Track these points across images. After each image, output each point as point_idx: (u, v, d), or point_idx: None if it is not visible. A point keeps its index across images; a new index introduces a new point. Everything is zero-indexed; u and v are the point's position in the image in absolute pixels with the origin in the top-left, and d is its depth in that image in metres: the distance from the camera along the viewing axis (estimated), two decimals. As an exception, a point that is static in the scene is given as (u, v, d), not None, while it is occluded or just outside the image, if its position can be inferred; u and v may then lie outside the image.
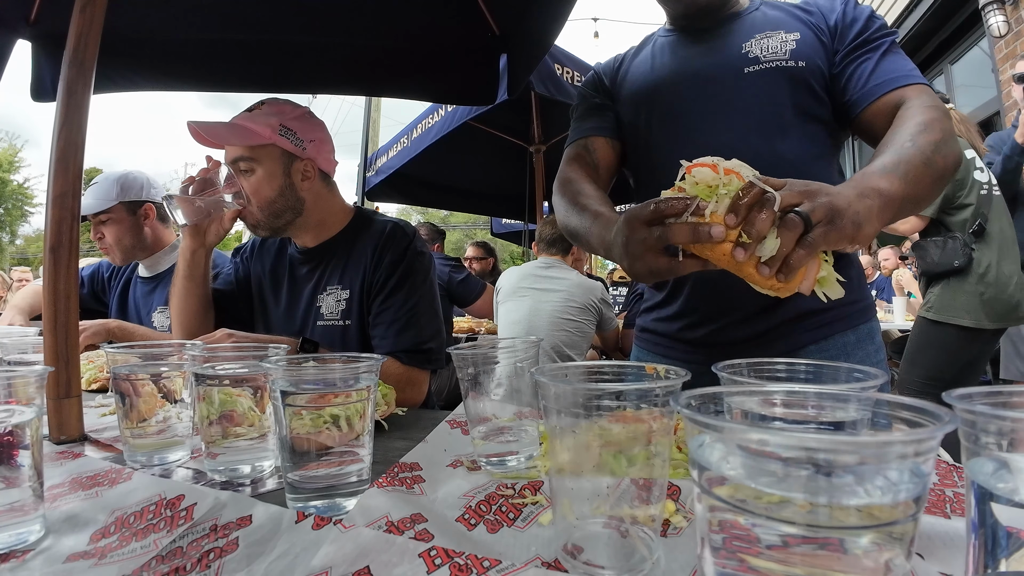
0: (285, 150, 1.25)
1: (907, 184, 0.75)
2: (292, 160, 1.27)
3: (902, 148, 0.79)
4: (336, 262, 1.32)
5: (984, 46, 4.64)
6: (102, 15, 0.94)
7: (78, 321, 0.89)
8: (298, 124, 1.28)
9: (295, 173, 1.27)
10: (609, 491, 0.44)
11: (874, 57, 0.96)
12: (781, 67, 0.98)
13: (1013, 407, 0.36)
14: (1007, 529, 0.32)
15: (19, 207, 25.36)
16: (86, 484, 0.64)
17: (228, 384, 0.70)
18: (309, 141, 1.29)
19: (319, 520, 0.49)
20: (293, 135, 1.26)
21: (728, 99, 1.01)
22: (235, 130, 1.23)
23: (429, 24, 1.71)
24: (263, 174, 1.24)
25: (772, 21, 1.03)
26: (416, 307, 1.26)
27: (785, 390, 0.44)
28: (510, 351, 0.73)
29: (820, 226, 0.62)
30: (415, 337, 1.24)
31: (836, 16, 1.00)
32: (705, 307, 1.07)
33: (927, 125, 0.83)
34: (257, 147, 1.23)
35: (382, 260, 1.27)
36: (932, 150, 0.79)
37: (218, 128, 1.23)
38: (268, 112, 1.26)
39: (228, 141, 1.23)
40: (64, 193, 0.88)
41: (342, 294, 1.29)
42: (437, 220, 27.58)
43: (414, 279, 1.27)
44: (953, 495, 0.55)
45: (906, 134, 0.82)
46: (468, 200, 5.50)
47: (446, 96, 2.27)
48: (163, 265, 1.87)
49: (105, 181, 1.82)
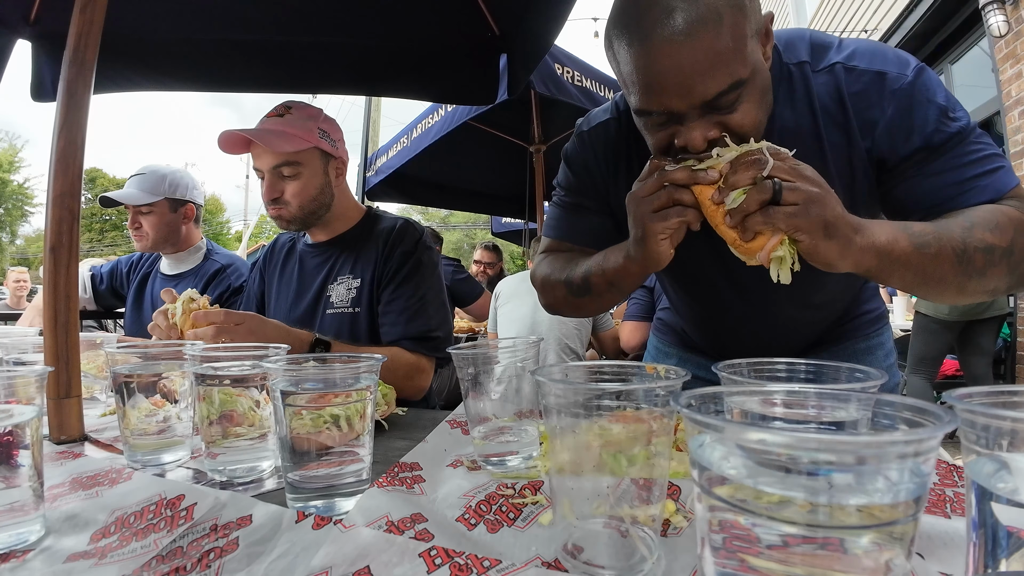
0: (324, 151, 1.34)
1: (919, 256, 0.66)
2: (328, 160, 1.36)
3: (948, 226, 0.68)
4: (348, 254, 1.38)
5: (984, 46, 4.64)
6: (102, 15, 0.94)
7: (78, 321, 0.89)
8: (328, 125, 1.36)
9: (331, 171, 1.37)
10: (609, 491, 0.43)
11: (939, 174, 0.73)
12: None
13: (1013, 407, 0.36)
14: (1007, 529, 0.32)
15: (19, 207, 25.36)
16: (86, 484, 0.64)
17: (228, 384, 0.70)
18: (338, 140, 1.38)
19: (319, 520, 0.49)
20: (328, 137, 1.35)
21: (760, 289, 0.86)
22: (280, 136, 1.28)
23: (429, 24, 1.71)
24: (308, 175, 1.31)
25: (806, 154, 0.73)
26: (425, 296, 1.32)
27: (785, 390, 0.44)
28: (510, 351, 0.73)
29: (790, 206, 0.62)
30: (424, 325, 1.29)
31: (880, 129, 0.75)
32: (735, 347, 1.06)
33: (999, 227, 0.68)
34: (302, 151, 1.29)
35: (394, 251, 1.33)
36: (977, 247, 0.67)
37: (266, 135, 1.27)
38: (301, 116, 1.32)
39: (279, 147, 1.27)
40: (64, 193, 0.88)
41: (353, 283, 1.34)
42: (437, 220, 27.57)
43: (424, 271, 1.34)
44: (953, 495, 0.55)
45: (967, 221, 0.69)
46: (468, 200, 5.50)
47: (446, 96, 2.28)
48: (186, 265, 1.90)
49: (153, 175, 1.85)
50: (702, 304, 1.05)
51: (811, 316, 0.99)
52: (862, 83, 0.76)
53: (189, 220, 1.91)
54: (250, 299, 1.56)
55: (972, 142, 0.73)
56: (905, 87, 0.74)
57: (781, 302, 0.93)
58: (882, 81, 0.74)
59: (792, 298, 0.91)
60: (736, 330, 1.03)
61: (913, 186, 0.76)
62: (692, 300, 1.06)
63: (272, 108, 1.35)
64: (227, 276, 1.85)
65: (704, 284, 0.98)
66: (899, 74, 0.74)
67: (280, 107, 1.34)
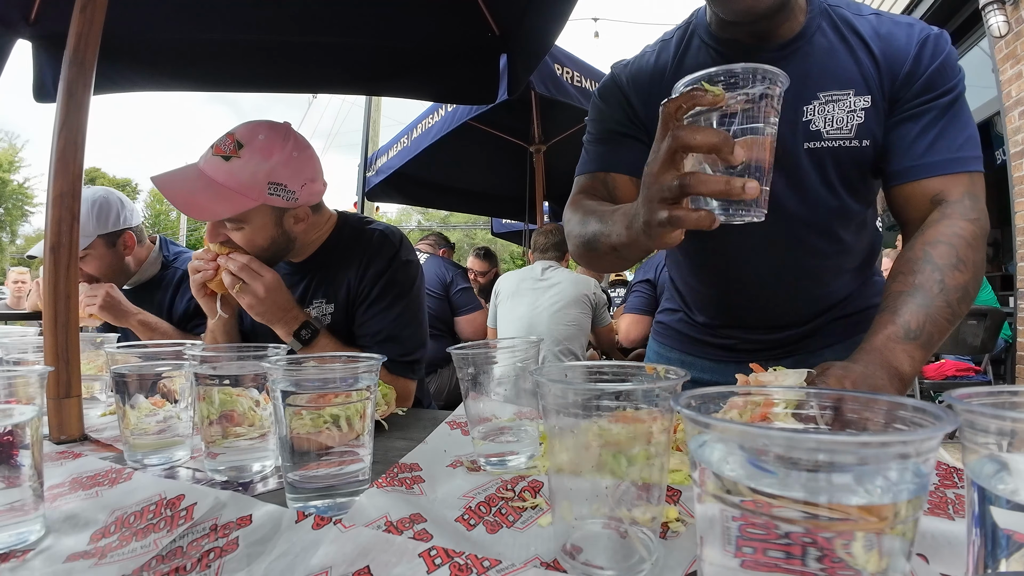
0: (276, 207, 1.12)
1: (928, 350, 0.74)
2: (283, 212, 1.14)
3: (930, 297, 0.76)
4: (321, 275, 1.28)
5: (984, 46, 4.63)
6: (102, 15, 0.94)
7: (78, 321, 0.89)
8: (287, 171, 1.10)
9: (287, 221, 1.16)
10: (608, 491, 0.43)
11: (923, 120, 0.84)
12: (843, 147, 0.87)
13: (1013, 407, 0.36)
14: (1005, 533, 0.32)
15: (19, 207, 25.37)
16: (86, 484, 0.64)
17: (228, 384, 0.70)
18: (301, 186, 1.13)
19: (319, 520, 0.49)
20: (283, 189, 1.10)
21: (778, 181, 0.87)
22: (216, 195, 1.07)
23: (429, 24, 1.71)
24: (252, 230, 1.12)
25: (840, 69, 0.86)
26: (400, 318, 1.23)
27: (785, 390, 0.44)
28: (510, 351, 0.73)
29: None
30: (399, 348, 1.22)
31: (906, 68, 0.84)
32: (733, 317, 1.07)
33: (961, 261, 0.78)
34: (244, 212, 1.09)
35: (367, 272, 1.23)
36: (959, 298, 0.76)
37: (195, 197, 1.07)
38: (251, 160, 1.07)
39: (212, 215, 1.08)
40: (64, 193, 0.88)
41: (327, 308, 1.26)
42: (437, 220, 27.56)
43: (398, 290, 1.24)
44: (954, 496, 0.55)
45: (937, 272, 0.77)
46: (468, 200, 5.50)
47: (446, 96, 2.28)
48: (146, 277, 1.75)
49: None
50: (709, 250, 1.04)
51: (822, 264, 0.98)
52: (894, 24, 0.87)
53: (131, 248, 1.67)
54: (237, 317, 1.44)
55: (964, 106, 0.85)
56: (933, 36, 0.85)
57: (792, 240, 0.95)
58: (911, 28, 0.86)
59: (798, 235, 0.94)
60: (744, 283, 1.01)
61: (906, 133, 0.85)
62: (699, 247, 1.05)
63: (221, 137, 1.10)
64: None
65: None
66: (926, 26, 0.87)
67: (230, 141, 1.08)
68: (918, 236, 0.83)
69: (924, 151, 0.84)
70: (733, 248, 0.98)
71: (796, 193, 0.91)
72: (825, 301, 1.02)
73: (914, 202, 0.86)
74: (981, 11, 4.08)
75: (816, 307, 1.02)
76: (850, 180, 0.90)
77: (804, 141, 0.87)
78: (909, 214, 0.87)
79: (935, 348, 0.75)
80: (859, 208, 0.95)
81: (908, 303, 0.76)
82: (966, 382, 3.70)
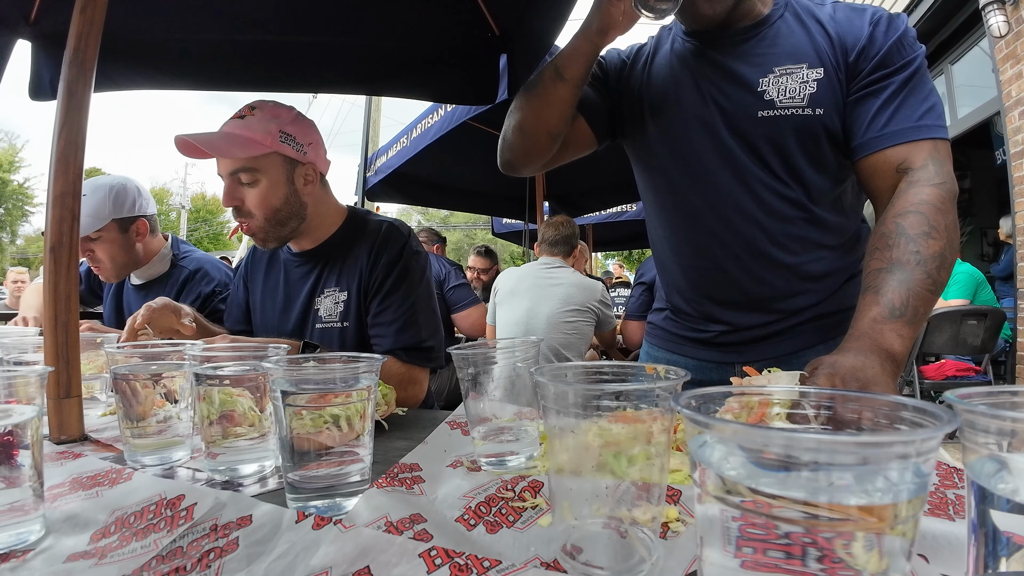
0: (288, 156, 1.22)
1: (916, 325, 0.75)
2: (294, 166, 1.24)
3: (909, 270, 0.77)
4: (332, 264, 1.31)
5: (984, 46, 4.64)
6: (102, 15, 0.94)
7: (78, 321, 0.89)
8: (295, 128, 1.24)
9: (298, 179, 1.24)
10: (609, 491, 0.43)
11: (883, 95, 0.89)
12: (796, 115, 0.93)
13: (1013, 407, 0.36)
14: (1004, 535, 0.32)
15: (19, 207, 25.35)
16: (86, 484, 0.64)
17: (228, 384, 0.70)
18: (308, 144, 1.26)
19: (319, 520, 0.49)
20: (293, 140, 1.23)
21: (737, 144, 0.98)
22: (234, 140, 1.17)
23: (429, 24, 1.71)
24: (267, 184, 1.20)
25: (795, 47, 0.94)
26: (414, 306, 1.26)
27: (785, 390, 0.44)
28: (510, 351, 0.73)
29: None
30: (415, 336, 1.25)
31: (860, 44, 0.91)
32: (704, 291, 1.09)
33: (933, 227, 0.79)
34: (260, 156, 1.19)
35: (379, 261, 1.26)
36: (937, 267, 0.78)
37: (214, 140, 1.17)
38: (263, 117, 1.21)
39: (229, 154, 1.17)
40: (64, 193, 0.88)
41: (340, 296, 1.28)
42: (437, 220, 27.56)
43: (411, 278, 1.27)
44: (955, 497, 0.55)
45: (912, 243, 0.79)
46: (468, 200, 5.49)
47: (446, 96, 2.27)
48: (155, 273, 1.80)
49: (94, 195, 1.66)
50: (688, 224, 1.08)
51: (788, 231, 1.00)
52: (851, 10, 0.95)
53: (144, 236, 1.75)
54: (233, 309, 1.49)
55: (924, 79, 0.90)
56: (887, 15, 0.92)
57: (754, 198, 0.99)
58: (864, 11, 0.94)
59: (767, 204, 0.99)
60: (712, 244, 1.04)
61: (867, 108, 0.90)
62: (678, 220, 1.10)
63: (239, 108, 1.25)
64: (197, 283, 1.75)
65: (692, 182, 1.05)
66: (881, 8, 0.93)
67: (245, 108, 1.24)
68: (888, 209, 0.85)
69: (885, 122, 0.88)
70: (697, 197, 1.03)
71: (752, 155, 0.98)
72: (798, 276, 1.02)
73: (880, 173, 0.89)
74: (981, 11, 4.08)
75: (790, 284, 1.02)
76: (807, 149, 0.95)
77: (759, 110, 0.95)
78: (877, 184, 0.90)
79: (923, 321, 0.77)
80: (826, 183, 0.98)
81: (889, 280, 0.78)
82: (966, 382, 3.70)
